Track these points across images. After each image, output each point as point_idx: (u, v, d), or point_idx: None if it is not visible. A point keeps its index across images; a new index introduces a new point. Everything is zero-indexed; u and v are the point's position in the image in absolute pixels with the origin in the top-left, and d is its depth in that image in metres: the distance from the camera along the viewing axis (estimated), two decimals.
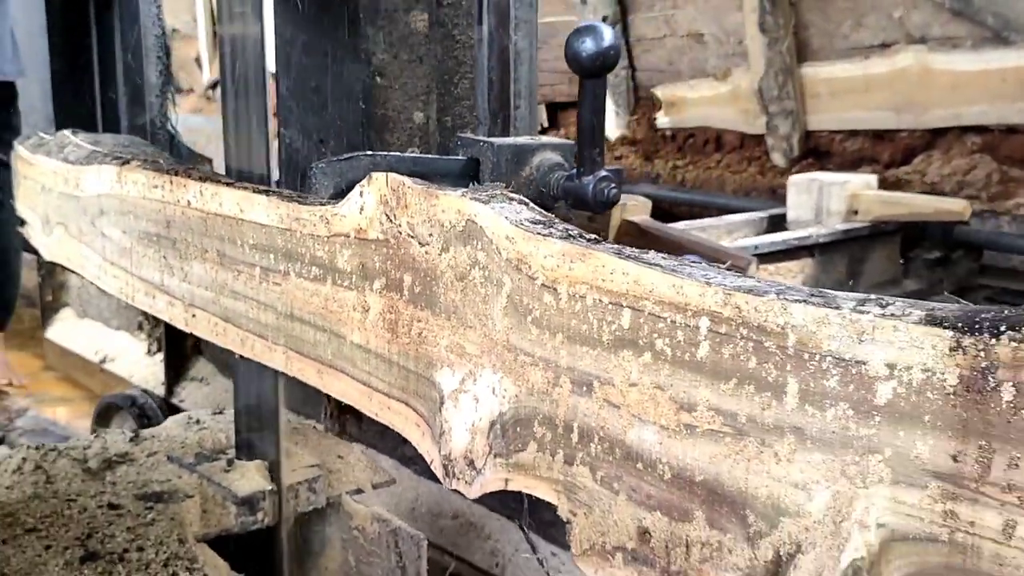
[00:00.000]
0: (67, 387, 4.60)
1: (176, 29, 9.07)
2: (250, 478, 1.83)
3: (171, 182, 1.70)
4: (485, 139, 1.76)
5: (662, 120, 5.38)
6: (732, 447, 0.95)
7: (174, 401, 2.96)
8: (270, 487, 1.80)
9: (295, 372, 1.52)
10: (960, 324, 0.79)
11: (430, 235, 1.24)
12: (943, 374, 0.80)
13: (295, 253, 1.47)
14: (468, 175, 1.76)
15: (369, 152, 1.70)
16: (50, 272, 3.68)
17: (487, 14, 1.78)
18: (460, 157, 1.77)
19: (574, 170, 1.72)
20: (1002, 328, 0.76)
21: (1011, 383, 0.76)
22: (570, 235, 1.11)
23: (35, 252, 2.26)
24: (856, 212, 3.07)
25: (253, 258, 1.55)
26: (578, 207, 1.73)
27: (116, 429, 3.00)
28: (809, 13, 4.63)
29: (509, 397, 1.17)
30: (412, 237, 1.27)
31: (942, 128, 4.20)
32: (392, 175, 1.29)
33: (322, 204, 1.41)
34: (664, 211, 4.48)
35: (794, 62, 4.65)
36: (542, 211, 1.20)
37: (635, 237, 2.42)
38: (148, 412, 2.91)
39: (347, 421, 2.17)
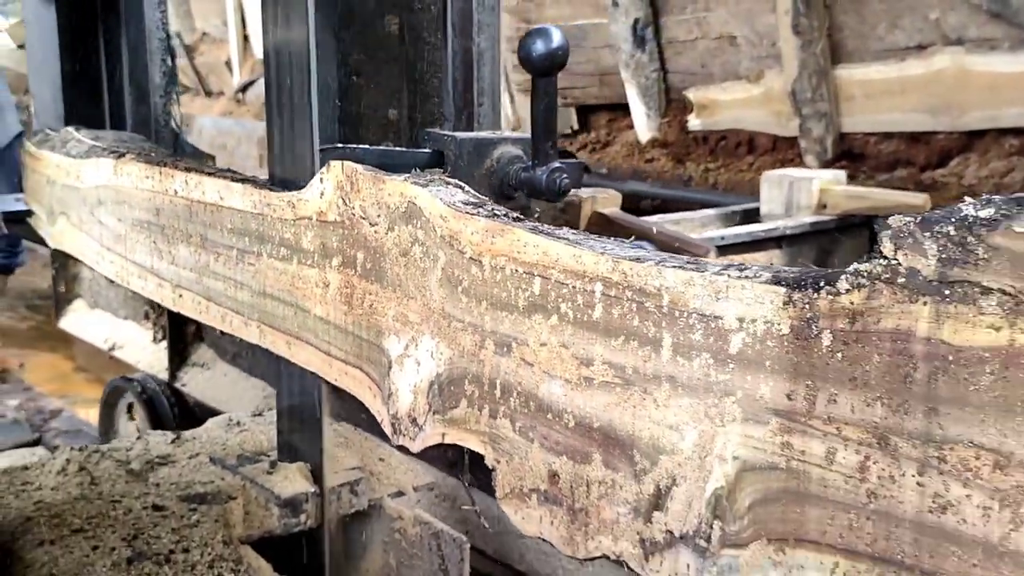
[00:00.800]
0: (100, 388, 4.69)
1: (206, 33, 9.21)
2: (292, 480, 1.82)
3: (160, 173, 1.85)
4: (449, 134, 1.91)
5: (694, 122, 5.31)
6: (621, 396, 1.09)
7: (177, 385, 3.13)
8: (312, 489, 1.79)
9: (268, 344, 1.67)
10: (792, 281, 0.93)
11: (378, 216, 1.39)
12: (779, 325, 0.93)
13: (266, 235, 1.62)
14: (434, 167, 1.90)
15: (341, 145, 1.85)
16: (63, 265, 3.84)
17: (452, 18, 1.92)
18: (426, 150, 1.92)
19: (531, 162, 1.85)
20: (821, 284, 0.90)
21: (829, 330, 0.89)
22: (495, 214, 1.25)
23: (42, 241, 2.42)
24: (825, 206, 3.20)
25: (231, 241, 1.70)
26: (534, 196, 1.86)
27: (123, 410, 3.17)
28: (843, 15, 4.55)
29: (444, 360, 1.31)
30: (364, 218, 1.41)
31: (979, 130, 4.14)
32: (347, 163, 1.44)
33: (289, 190, 1.55)
34: (657, 207, 4.55)
35: (828, 64, 4.59)
36: (476, 194, 1.34)
37: (604, 228, 2.56)
38: (151, 395, 3.07)
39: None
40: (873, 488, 0.88)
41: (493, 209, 1.27)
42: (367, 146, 1.89)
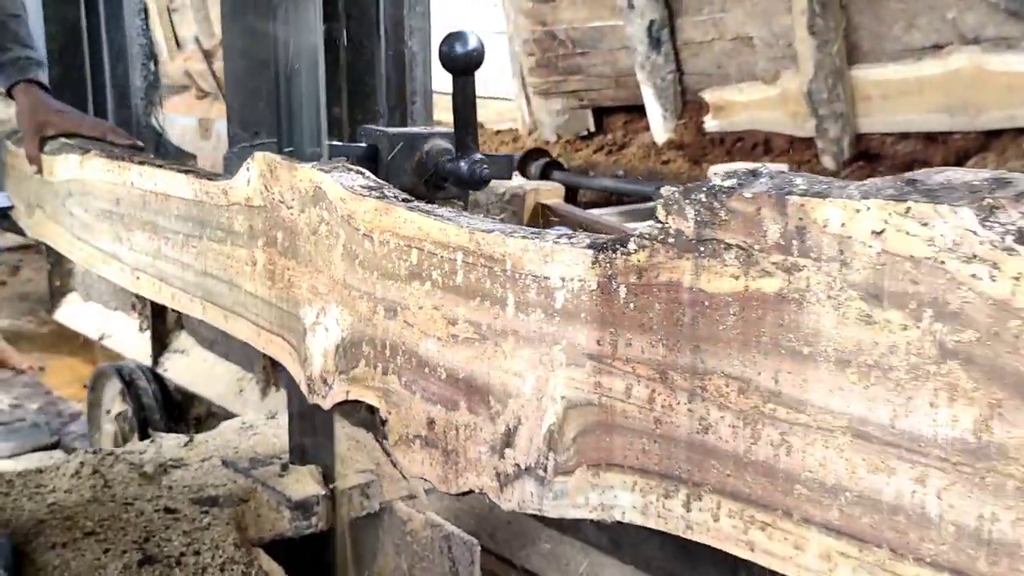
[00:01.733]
0: None
1: None
2: (304, 483, 1.82)
3: (119, 166, 2.04)
4: (383, 129, 2.09)
5: (710, 124, 5.26)
6: (479, 349, 1.27)
7: (158, 370, 3.32)
8: (324, 492, 1.80)
9: (210, 319, 1.85)
10: (598, 245, 1.10)
11: (293, 199, 1.56)
12: (589, 282, 1.10)
13: (206, 220, 1.80)
14: (369, 159, 2.08)
15: (274, 140, 2.04)
16: (58, 260, 4.05)
17: (384, 24, 2.10)
18: (362, 144, 2.10)
19: (456, 154, 2.03)
20: (618, 246, 1.07)
21: (624, 285, 1.07)
22: (383, 195, 1.43)
23: (21, 233, 2.62)
24: None
25: (177, 227, 1.88)
26: (459, 185, 2.04)
27: (109, 391, 3.36)
28: (860, 15, 4.50)
29: (347, 325, 1.49)
30: (282, 202, 1.59)
31: (996, 130, 4.09)
32: (268, 154, 1.61)
33: (223, 179, 1.73)
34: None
35: (844, 64, 4.54)
36: (374, 179, 1.51)
37: (547, 217, 2.73)
38: (134, 379, 3.27)
39: (278, 375, 2.48)
40: (658, 416, 1.05)
41: (384, 191, 1.44)
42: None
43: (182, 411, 3.27)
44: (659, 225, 1.02)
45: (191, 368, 3.22)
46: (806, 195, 0.89)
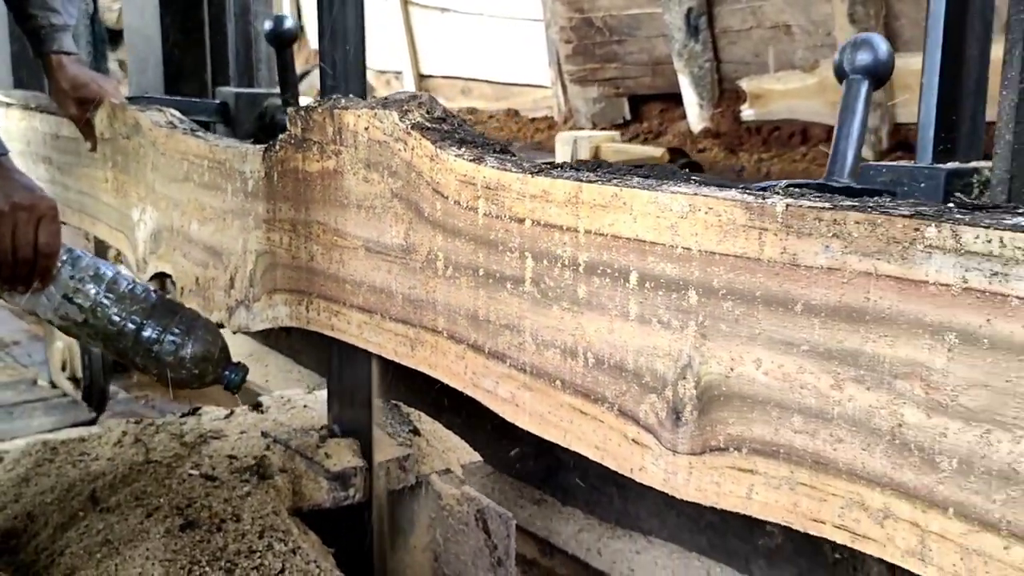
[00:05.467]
0: None
1: None
2: (342, 455, 1.82)
3: (28, 115, 2.67)
4: (233, 90, 2.71)
5: (747, 112, 5.22)
6: (218, 225, 1.89)
7: None
8: (361, 464, 1.81)
9: (85, 228, 2.48)
10: (264, 148, 1.72)
11: (126, 132, 2.19)
12: (262, 172, 1.72)
13: (82, 152, 2.42)
14: (222, 113, 2.71)
15: (149, 96, 2.66)
16: None
17: (234, 9, 2.73)
18: (217, 101, 2.73)
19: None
20: (272, 148, 1.69)
21: (276, 172, 1.68)
22: (173, 125, 2.05)
23: None
24: (598, 158, 3.97)
25: (65, 159, 2.52)
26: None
27: None
28: (900, 3, 4.49)
29: (155, 219, 2.11)
30: (120, 134, 2.22)
31: None
32: (111, 100, 2.24)
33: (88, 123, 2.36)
34: None
35: None
36: (178, 115, 2.13)
37: None
38: None
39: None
40: (293, 254, 1.67)
41: (175, 123, 2.07)
42: (170, 96, 2.72)
43: None
44: (288, 132, 1.64)
45: None
46: (342, 108, 1.51)
